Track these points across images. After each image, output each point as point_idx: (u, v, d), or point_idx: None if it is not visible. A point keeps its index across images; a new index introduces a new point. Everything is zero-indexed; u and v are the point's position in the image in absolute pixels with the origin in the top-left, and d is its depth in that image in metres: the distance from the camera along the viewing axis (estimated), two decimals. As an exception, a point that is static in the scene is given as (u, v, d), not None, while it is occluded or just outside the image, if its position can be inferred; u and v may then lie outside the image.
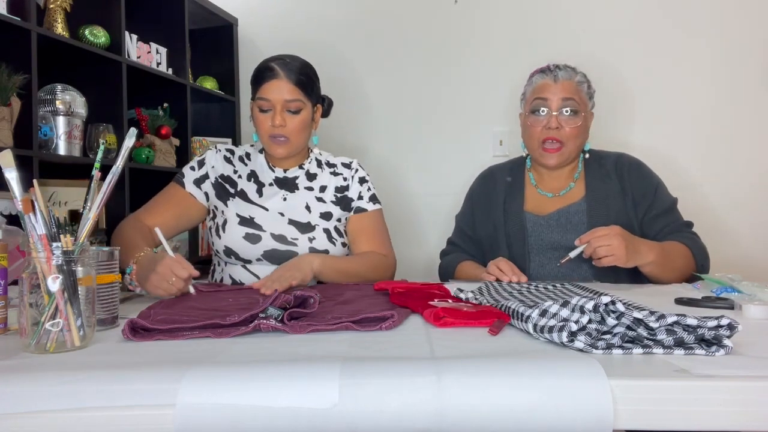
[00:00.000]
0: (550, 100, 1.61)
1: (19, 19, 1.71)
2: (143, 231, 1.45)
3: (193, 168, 1.57)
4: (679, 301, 1.16)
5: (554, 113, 1.60)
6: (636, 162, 1.71)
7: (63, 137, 1.92)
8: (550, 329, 0.80)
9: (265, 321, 0.91)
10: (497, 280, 1.46)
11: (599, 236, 1.40)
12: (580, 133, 1.63)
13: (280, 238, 1.50)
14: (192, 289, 1.22)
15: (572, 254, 1.45)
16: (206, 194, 1.56)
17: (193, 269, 1.17)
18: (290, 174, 1.60)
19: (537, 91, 1.64)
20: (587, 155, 1.71)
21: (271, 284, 1.25)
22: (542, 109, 1.62)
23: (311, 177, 1.61)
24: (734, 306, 1.09)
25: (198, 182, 1.55)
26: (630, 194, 1.63)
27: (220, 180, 1.56)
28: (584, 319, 0.78)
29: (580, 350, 0.77)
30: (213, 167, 1.57)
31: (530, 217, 1.66)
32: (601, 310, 0.78)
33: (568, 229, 1.61)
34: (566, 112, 1.60)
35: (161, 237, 1.25)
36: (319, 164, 1.64)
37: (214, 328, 0.92)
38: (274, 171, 1.60)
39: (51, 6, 1.95)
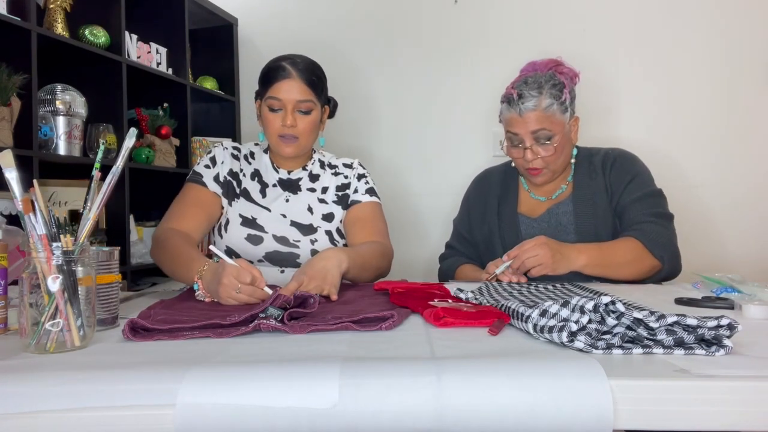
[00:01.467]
0: (520, 134, 1.58)
1: (19, 19, 1.71)
2: (190, 240, 1.40)
3: (208, 166, 1.54)
4: (679, 301, 1.16)
5: (527, 146, 1.58)
6: (621, 155, 1.67)
7: (63, 137, 1.92)
8: (550, 329, 0.80)
9: (265, 321, 0.91)
10: (497, 280, 1.46)
11: (526, 249, 1.43)
12: (561, 151, 1.60)
13: (282, 240, 1.49)
14: (270, 291, 1.12)
15: (498, 270, 1.46)
16: (221, 192, 1.54)
17: (256, 271, 1.12)
18: (294, 176, 1.60)
19: (507, 123, 1.61)
20: (574, 160, 1.68)
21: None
22: (516, 142, 1.60)
23: (314, 178, 1.61)
24: (734, 306, 1.09)
25: (216, 179, 1.53)
26: (609, 189, 1.62)
27: (228, 177, 1.55)
28: (584, 319, 0.78)
29: (580, 350, 0.77)
30: (223, 163, 1.56)
31: (523, 219, 1.67)
32: (601, 310, 0.78)
33: (558, 230, 1.61)
34: (539, 140, 1.57)
35: (218, 252, 1.19)
36: (322, 165, 1.64)
37: (214, 328, 0.92)
38: (278, 172, 1.60)
39: (51, 6, 1.95)
